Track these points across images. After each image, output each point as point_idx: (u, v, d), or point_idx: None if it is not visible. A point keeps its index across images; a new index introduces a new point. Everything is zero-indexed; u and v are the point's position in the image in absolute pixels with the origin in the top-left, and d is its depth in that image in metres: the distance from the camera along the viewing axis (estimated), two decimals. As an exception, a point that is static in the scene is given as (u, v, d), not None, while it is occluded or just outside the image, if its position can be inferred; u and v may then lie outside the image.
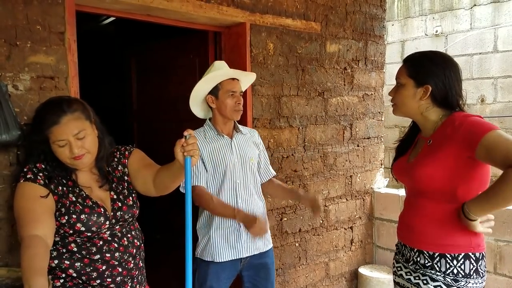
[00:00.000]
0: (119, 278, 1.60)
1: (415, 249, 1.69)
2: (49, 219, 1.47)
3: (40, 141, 1.53)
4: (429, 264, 1.64)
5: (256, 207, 2.30)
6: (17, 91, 1.82)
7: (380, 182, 3.80)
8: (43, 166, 1.55)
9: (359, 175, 3.60)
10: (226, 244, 2.20)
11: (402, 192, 3.67)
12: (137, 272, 1.68)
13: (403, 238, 1.79)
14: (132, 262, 1.65)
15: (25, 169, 1.53)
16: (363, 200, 3.67)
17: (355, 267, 3.63)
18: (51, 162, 1.56)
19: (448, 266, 1.60)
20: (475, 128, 1.52)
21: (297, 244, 3.16)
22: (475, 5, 4.69)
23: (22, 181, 1.51)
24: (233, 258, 2.21)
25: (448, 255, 1.60)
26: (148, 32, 3.86)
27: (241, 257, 2.23)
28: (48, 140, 1.53)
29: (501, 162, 1.44)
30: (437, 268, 1.62)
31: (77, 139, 1.53)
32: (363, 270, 3.56)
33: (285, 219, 3.06)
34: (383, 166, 3.85)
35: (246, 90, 2.69)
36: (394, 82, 1.76)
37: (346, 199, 3.52)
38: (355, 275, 3.62)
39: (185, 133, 1.45)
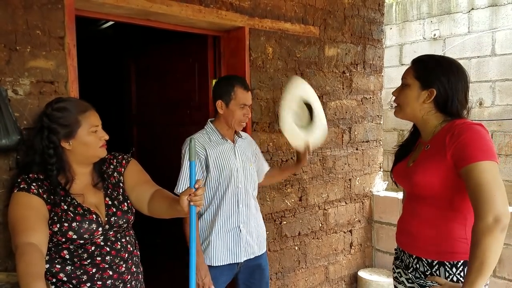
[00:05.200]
0: (110, 281, 1.60)
1: (414, 256, 1.66)
2: (43, 227, 1.48)
3: (64, 133, 1.56)
4: (428, 272, 1.60)
5: (254, 212, 2.32)
6: (16, 95, 1.82)
7: (379, 185, 3.81)
8: (35, 176, 1.57)
9: (358, 178, 3.61)
10: (225, 249, 2.20)
11: (401, 195, 3.67)
12: (129, 277, 1.67)
13: (402, 244, 1.75)
14: (124, 266, 1.65)
15: (19, 180, 1.55)
16: (362, 204, 3.68)
17: (354, 270, 3.63)
18: (48, 171, 1.57)
19: (447, 274, 1.56)
20: (468, 150, 1.46)
21: (296, 248, 3.16)
22: (473, 8, 4.72)
23: (16, 191, 1.53)
24: (231, 262, 2.22)
25: (447, 263, 1.57)
26: (148, 36, 3.87)
27: (239, 261, 2.24)
28: (75, 130, 1.56)
29: (472, 202, 1.42)
30: None
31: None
32: (362, 274, 3.56)
33: (285, 222, 3.06)
34: (382, 170, 3.86)
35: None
36: (393, 85, 1.76)
37: (345, 203, 3.52)
38: (354, 279, 3.62)
39: (196, 185, 1.41)
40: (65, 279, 1.56)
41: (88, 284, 1.57)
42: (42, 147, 1.57)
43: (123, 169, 1.75)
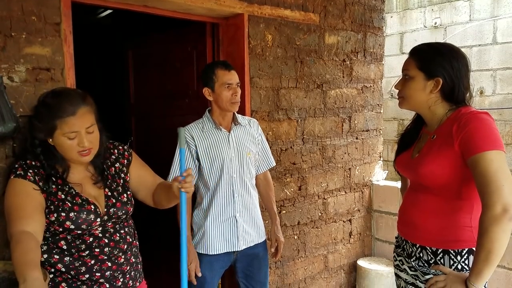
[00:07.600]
0: (109, 272, 1.59)
1: (417, 245, 1.65)
2: (39, 216, 1.46)
3: (42, 131, 1.50)
4: (432, 260, 1.60)
5: (251, 201, 2.29)
6: (12, 82, 1.80)
7: (379, 175, 3.80)
8: (33, 163, 1.54)
9: (357, 167, 3.59)
10: (221, 238, 2.20)
11: (400, 184, 3.66)
12: (128, 268, 1.66)
13: (405, 234, 1.74)
14: (123, 257, 1.64)
15: (16, 165, 1.52)
16: (362, 193, 3.67)
17: (353, 259, 3.64)
18: (45, 159, 1.55)
19: (452, 262, 1.56)
20: (475, 140, 1.45)
21: (296, 237, 3.16)
22: (474, -4, 4.66)
23: (12, 177, 1.50)
24: (228, 251, 2.22)
25: (452, 251, 1.56)
26: (146, 25, 3.83)
27: (236, 250, 2.23)
28: (52, 132, 1.50)
29: (479, 192, 1.42)
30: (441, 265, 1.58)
31: (87, 133, 1.53)
32: (361, 263, 3.56)
33: (284, 211, 3.06)
34: (381, 159, 3.84)
35: (244, 82, 2.68)
36: (393, 74, 1.73)
37: (345, 192, 3.51)
38: (353, 268, 3.63)
39: (184, 173, 1.52)
40: (63, 269, 1.54)
41: (87, 276, 1.55)
42: (29, 136, 1.55)
43: (125, 161, 1.75)
